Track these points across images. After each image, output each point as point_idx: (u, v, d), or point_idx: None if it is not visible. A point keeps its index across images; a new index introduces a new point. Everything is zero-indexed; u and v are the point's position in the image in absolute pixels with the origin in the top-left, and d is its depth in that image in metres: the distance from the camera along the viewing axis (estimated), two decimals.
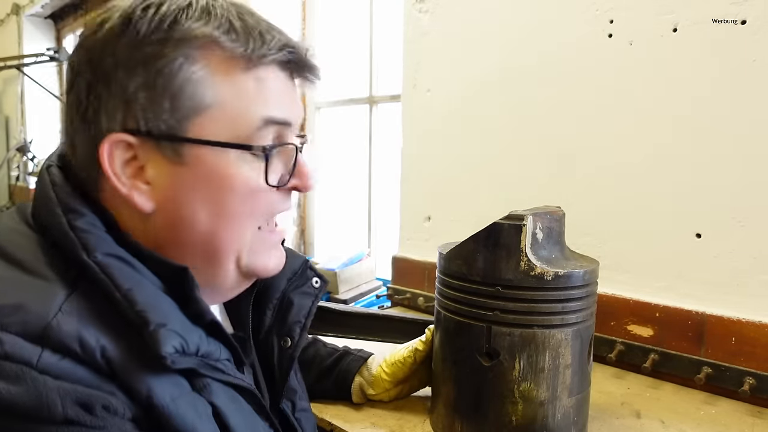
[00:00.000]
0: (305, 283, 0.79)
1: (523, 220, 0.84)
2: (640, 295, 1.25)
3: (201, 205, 0.60)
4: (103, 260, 0.55)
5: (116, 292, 0.53)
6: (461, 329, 0.89)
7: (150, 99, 0.57)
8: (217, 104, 0.59)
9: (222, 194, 0.60)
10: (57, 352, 0.49)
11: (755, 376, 1.07)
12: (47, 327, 0.49)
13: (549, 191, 1.40)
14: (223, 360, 0.61)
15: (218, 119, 0.59)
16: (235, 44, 0.59)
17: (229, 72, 0.59)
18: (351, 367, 1.02)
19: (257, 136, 0.61)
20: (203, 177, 0.59)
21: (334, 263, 2.09)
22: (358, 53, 2.32)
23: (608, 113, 1.29)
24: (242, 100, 0.60)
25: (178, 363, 0.54)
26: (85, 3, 4.49)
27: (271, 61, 0.61)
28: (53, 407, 0.46)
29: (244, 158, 0.60)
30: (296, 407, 0.80)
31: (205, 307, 0.59)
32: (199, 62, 0.58)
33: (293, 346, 0.77)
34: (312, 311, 0.79)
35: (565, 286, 0.85)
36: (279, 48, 0.61)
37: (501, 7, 1.48)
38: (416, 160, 1.72)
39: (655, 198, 1.23)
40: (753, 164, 1.10)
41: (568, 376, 0.86)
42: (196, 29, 0.58)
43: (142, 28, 0.57)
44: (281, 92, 0.63)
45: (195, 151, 0.59)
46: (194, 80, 0.58)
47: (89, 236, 0.56)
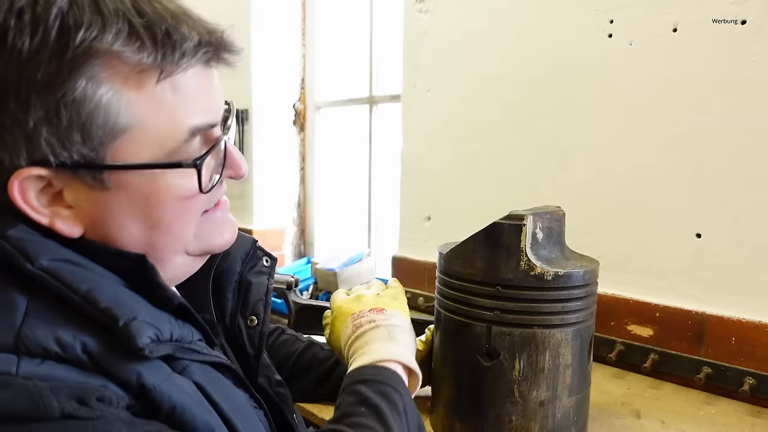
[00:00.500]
0: (257, 263, 0.80)
1: (523, 220, 0.84)
2: (640, 295, 1.25)
3: (132, 222, 0.57)
4: (50, 266, 0.52)
5: (74, 295, 0.51)
6: (461, 329, 0.89)
7: (55, 133, 0.50)
8: (134, 125, 0.53)
9: (153, 210, 0.57)
10: (35, 357, 0.47)
11: (755, 376, 1.07)
12: (18, 334, 0.48)
13: (549, 191, 1.40)
14: (196, 341, 0.60)
15: (138, 139, 0.53)
16: (141, 54, 0.51)
17: (141, 87, 0.52)
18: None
19: (185, 148, 0.56)
20: (131, 198, 0.56)
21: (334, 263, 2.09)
22: (358, 53, 2.32)
23: (608, 113, 1.29)
24: (161, 115, 0.54)
25: (156, 351, 0.53)
26: None
27: (187, 66, 0.54)
28: (49, 404, 0.45)
29: (174, 172, 0.56)
30: (272, 382, 0.82)
31: (171, 292, 0.58)
32: (105, 83, 0.51)
33: (260, 322, 0.78)
34: (270, 288, 0.80)
35: (565, 285, 0.85)
36: (194, 50, 0.54)
37: (501, 8, 1.48)
38: (416, 160, 1.72)
39: (655, 198, 1.23)
40: (753, 164, 1.10)
41: (568, 376, 0.86)
42: (93, 44, 0.49)
43: (23, 46, 0.48)
44: (201, 92, 0.57)
45: (117, 176, 0.54)
46: (103, 105, 0.51)
47: (28, 244, 0.52)
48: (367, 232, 2.32)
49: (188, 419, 0.54)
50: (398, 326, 0.82)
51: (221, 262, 0.77)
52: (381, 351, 0.77)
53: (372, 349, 0.78)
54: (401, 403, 0.70)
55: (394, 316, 0.84)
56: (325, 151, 2.57)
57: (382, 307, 0.85)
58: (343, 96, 2.44)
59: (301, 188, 2.59)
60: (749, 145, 1.10)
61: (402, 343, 0.79)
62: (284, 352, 1.03)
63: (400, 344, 0.79)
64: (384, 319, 0.82)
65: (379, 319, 0.82)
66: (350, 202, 2.46)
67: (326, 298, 2.07)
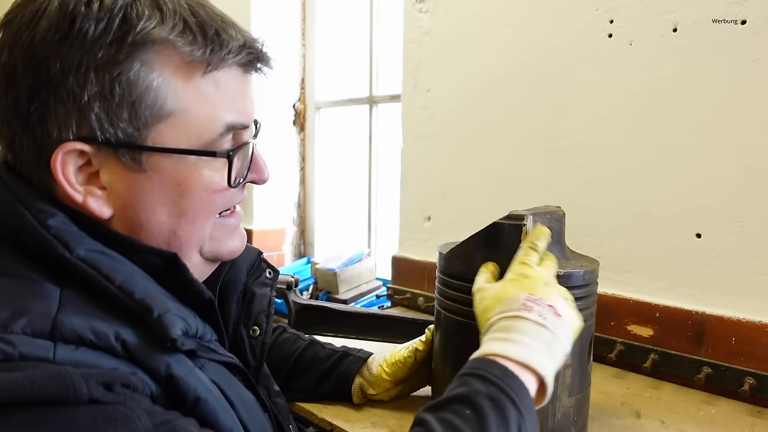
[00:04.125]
0: (261, 275, 0.81)
1: (523, 220, 0.84)
2: (640, 295, 1.25)
3: (161, 208, 0.59)
4: (87, 256, 0.54)
5: (110, 285, 0.54)
6: (461, 329, 0.89)
7: (107, 108, 0.55)
8: (178, 112, 0.57)
9: (183, 197, 0.60)
10: (70, 343, 0.50)
11: (755, 376, 1.07)
12: (54, 322, 0.50)
13: (549, 191, 1.40)
14: (213, 341, 0.63)
15: (179, 126, 0.58)
16: (192, 47, 0.56)
17: (189, 77, 0.57)
18: (351, 368, 1.02)
19: (219, 142, 0.61)
20: (164, 183, 0.59)
21: (334, 263, 2.09)
22: (358, 53, 2.32)
23: (608, 113, 1.29)
24: (203, 106, 0.58)
25: (186, 344, 0.56)
26: None
27: (231, 64, 0.60)
28: (79, 388, 0.47)
29: (206, 163, 0.60)
30: (271, 392, 0.83)
31: (201, 286, 0.61)
32: (157, 68, 0.56)
33: (263, 333, 0.79)
34: (272, 299, 0.81)
35: (565, 285, 0.84)
36: (238, 49, 0.59)
37: (501, 7, 1.48)
38: (416, 160, 1.72)
39: (655, 198, 1.23)
40: (753, 164, 1.10)
41: (568, 376, 0.86)
42: (152, 32, 0.54)
43: (89, 28, 0.53)
44: (239, 93, 0.62)
45: (155, 159, 0.58)
46: (153, 88, 0.56)
47: (66, 234, 0.54)
48: (367, 232, 2.32)
49: (211, 412, 0.56)
50: (561, 340, 0.68)
51: (227, 272, 0.77)
52: (529, 352, 0.65)
53: (520, 342, 0.65)
54: (515, 426, 0.59)
55: (565, 327, 0.70)
56: (325, 151, 2.57)
57: (561, 314, 0.70)
58: (343, 96, 2.44)
59: (301, 188, 2.59)
60: (749, 145, 1.10)
61: (554, 358, 0.67)
62: (285, 350, 1.03)
63: (554, 359, 0.67)
64: (555, 325, 0.68)
65: (551, 323, 0.68)
66: (350, 202, 2.46)
67: (326, 297, 2.07)
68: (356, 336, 1.30)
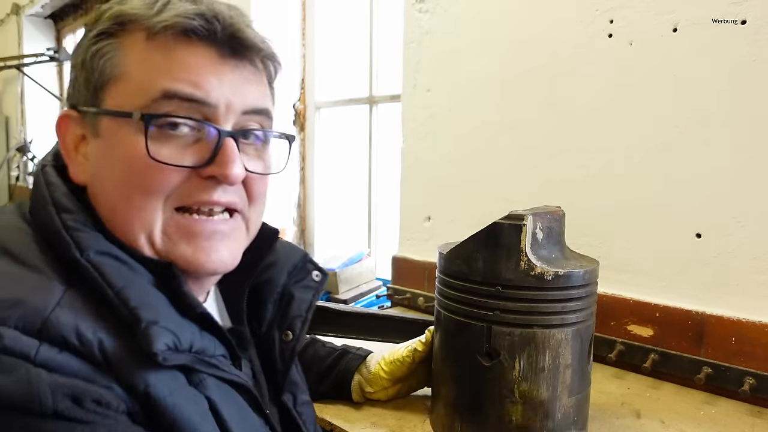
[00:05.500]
0: (306, 277, 0.79)
1: (523, 220, 0.84)
2: (640, 295, 1.25)
3: (108, 178, 0.60)
4: (96, 258, 0.55)
5: (109, 290, 0.54)
6: (461, 329, 0.89)
7: (78, 74, 0.61)
8: (124, 75, 0.59)
9: (118, 165, 0.59)
10: (55, 345, 0.49)
11: (755, 376, 1.07)
12: (46, 321, 0.50)
13: (549, 191, 1.40)
14: (218, 356, 0.60)
15: (122, 90, 0.59)
16: (148, 18, 0.58)
17: (144, 46, 0.59)
18: (350, 365, 1.02)
19: (153, 107, 0.58)
20: (107, 147, 0.60)
21: (334, 263, 2.09)
22: (358, 53, 2.32)
23: (608, 113, 1.29)
24: (147, 72, 0.58)
25: (171, 360, 0.53)
26: (85, 3, 4.49)
27: (171, 26, 0.58)
28: (44, 400, 0.46)
29: (132, 127, 0.58)
30: (297, 400, 0.80)
31: (194, 300, 0.59)
32: (117, 36, 0.59)
33: (295, 339, 0.76)
34: (313, 305, 0.78)
35: (565, 286, 0.85)
36: (188, 15, 0.58)
37: (501, 7, 1.48)
38: (416, 160, 1.72)
39: (655, 198, 1.23)
40: (753, 164, 1.10)
41: (568, 376, 0.86)
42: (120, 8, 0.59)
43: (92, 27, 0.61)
44: (193, 67, 0.58)
45: (103, 122, 0.59)
46: (110, 52, 0.59)
47: (81, 234, 0.56)
48: (367, 232, 2.32)
49: None
50: None
51: (265, 272, 0.76)
52: None
53: None
54: None
55: None
56: (325, 151, 2.57)
57: None
58: (343, 96, 2.44)
59: (301, 188, 2.59)
60: (749, 145, 1.10)
61: None
62: None
63: None
64: None
65: None
66: (350, 202, 2.46)
67: (326, 298, 2.07)
68: (356, 336, 1.30)
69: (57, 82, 5.12)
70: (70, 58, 0.63)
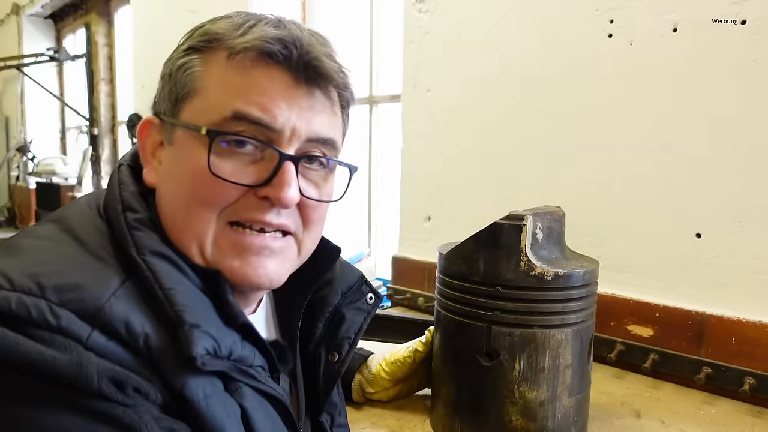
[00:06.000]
0: (360, 299, 0.78)
1: (523, 220, 0.84)
2: (640, 295, 1.25)
3: (172, 184, 0.62)
4: (150, 258, 0.57)
5: (159, 290, 0.55)
6: (461, 329, 0.89)
7: (164, 84, 0.63)
8: (202, 92, 0.61)
9: (182, 174, 0.61)
10: (105, 333, 0.51)
11: (755, 376, 1.07)
12: (100, 309, 0.52)
13: (549, 191, 1.40)
14: (257, 366, 0.60)
15: (196, 105, 0.61)
16: (232, 40, 0.60)
17: (218, 60, 0.61)
18: (351, 365, 1.02)
19: (224, 126, 0.59)
20: (177, 156, 0.62)
21: None
22: (358, 53, 2.32)
23: (608, 113, 1.29)
24: (223, 91, 0.60)
25: (209, 365, 0.54)
26: (85, 3, 4.49)
27: (251, 48, 0.59)
28: (90, 380, 0.49)
29: (197, 140, 0.60)
30: (334, 422, 0.80)
31: (237, 309, 0.60)
32: (202, 52, 0.61)
33: (340, 361, 0.76)
34: (363, 328, 0.78)
35: (565, 286, 0.85)
36: (268, 39, 0.59)
37: (501, 7, 1.48)
38: (416, 160, 1.72)
39: (655, 198, 1.23)
40: (753, 164, 1.10)
41: (568, 376, 0.86)
42: (209, 27, 0.62)
43: (183, 42, 0.63)
44: (269, 91, 0.60)
45: (177, 132, 0.62)
46: (193, 68, 0.61)
47: (140, 234, 0.58)
48: (367, 232, 2.32)
49: None
50: None
51: (320, 290, 0.76)
52: None
53: None
54: None
55: None
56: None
57: None
58: None
59: None
60: (749, 145, 1.10)
61: None
62: None
63: None
64: None
65: None
66: (350, 202, 2.46)
67: None
68: None
69: (57, 82, 5.12)
70: (163, 69, 0.65)
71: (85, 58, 4.39)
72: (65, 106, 4.93)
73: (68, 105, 4.73)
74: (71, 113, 4.78)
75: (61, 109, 5.17)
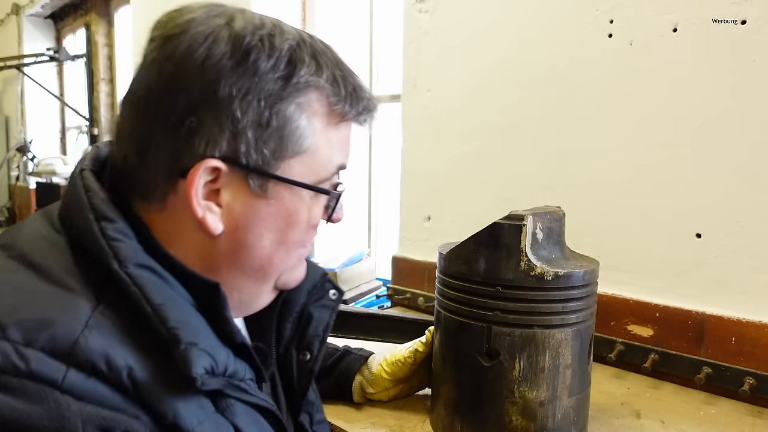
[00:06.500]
0: (324, 296, 0.79)
1: (523, 220, 0.84)
2: (640, 295, 1.25)
3: (267, 234, 0.62)
4: (135, 272, 0.53)
5: (147, 306, 0.52)
6: (461, 329, 0.89)
7: (258, 136, 0.58)
8: (311, 151, 0.62)
9: (289, 227, 0.63)
10: (83, 370, 0.48)
11: (755, 376, 1.07)
12: (75, 344, 0.48)
13: (549, 191, 1.40)
14: (247, 380, 0.60)
15: (307, 163, 0.62)
16: (337, 98, 0.62)
17: (327, 123, 0.63)
18: (352, 366, 1.02)
19: (329, 181, 0.65)
20: (278, 211, 0.62)
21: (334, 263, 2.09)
22: (358, 53, 2.32)
23: (608, 113, 1.29)
24: (329, 149, 0.64)
25: (208, 384, 0.53)
26: (85, 3, 4.49)
27: (359, 121, 0.66)
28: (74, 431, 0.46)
29: (316, 199, 0.64)
30: (313, 420, 0.80)
31: (234, 328, 0.59)
32: (307, 110, 0.60)
33: (312, 359, 0.76)
34: (330, 324, 0.78)
35: (565, 286, 0.85)
36: (366, 109, 0.65)
37: (501, 7, 1.48)
38: (416, 160, 1.72)
39: (655, 198, 1.23)
40: (753, 164, 1.10)
41: (568, 376, 0.86)
42: (311, 80, 0.60)
43: (262, 62, 0.57)
44: (349, 140, 0.67)
45: (279, 188, 0.61)
46: (301, 127, 0.60)
47: (121, 245, 0.54)
48: (367, 232, 2.32)
49: None
50: None
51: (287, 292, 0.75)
52: None
53: None
54: None
55: None
56: None
57: None
58: None
59: None
60: (749, 145, 1.10)
61: None
62: None
63: None
64: None
65: None
66: (350, 202, 2.46)
67: None
68: (356, 336, 1.30)
69: (57, 82, 5.12)
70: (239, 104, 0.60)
71: (85, 58, 4.39)
72: (65, 106, 4.93)
73: (68, 105, 4.73)
74: (71, 113, 4.78)
75: (61, 109, 5.17)
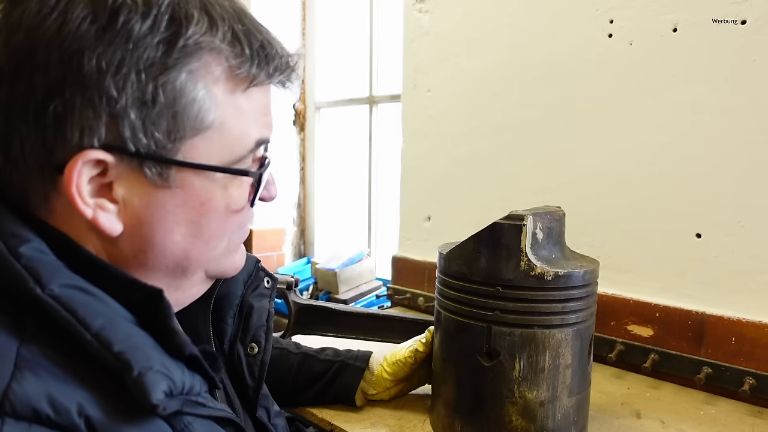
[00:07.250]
0: (259, 285, 0.76)
1: (523, 220, 0.84)
2: (640, 295, 1.25)
3: (178, 228, 0.53)
4: (62, 293, 0.45)
5: (85, 332, 0.45)
6: (461, 329, 0.89)
7: (144, 116, 0.48)
8: (216, 126, 0.52)
9: (203, 217, 0.54)
10: (22, 419, 0.41)
11: (755, 376, 1.07)
12: (6, 392, 0.41)
13: (549, 191, 1.40)
14: (203, 392, 0.54)
15: (214, 141, 0.52)
16: (240, 59, 0.52)
17: (233, 91, 0.53)
18: (351, 382, 1.00)
19: (247, 159, 0.55)
20: (187, 201, 0.53)
21: (334, 263, 2.10)
22: (358, 53, 2.32)
23: (608, 113, 1.29)
24: (241, 121, 0.54)
25: (168, 408, 0.47)
26: None
27: (274, 83, 0.56)
28: None
29: (232, 181, 0.55)
30: (271, 413, 0.78)
31: (184, 339, 0.52)
32: (203, 78, 0.50)
33: (261, 350, 0.74)
34: (271, 312, 0.76)
35: (565, 286, 0.85)
36: (282, 70, 0.56)
37: (501, 7, 1.48)
38: (416, 160, 1.72)
39: (655, 198, 1.23)
40: (753, 164, 1.10)
41: (568, 376, 0.86)
42: (204, 40, 0.49)
43: (135, 24, 0.46)
44: (267, 107, 0.57)
45: (184, 174, 0.51)
46: (198, 99, 0.50)
47: (40, 266, 0.46)
48: (367, 232, 2.32)
49: None
50: None
51: (222, 285, 0.72)
52: None
53: None
54: None
55: None
56: (325, 151, 2.57)
57: None
58: (343, 96, 2.44)
59: (301, 188, 2.59)
60: (749, 145, 1.10)
61: None
62: (281, 369, 1.00)
63: None
64: None
65: None
66: (350, 202, 2.46)
67: (326, 298, 2.08)
68: (356, 336, 1.30)
69: None
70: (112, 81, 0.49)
71: None
72: None
73: None
74: None
75: None
